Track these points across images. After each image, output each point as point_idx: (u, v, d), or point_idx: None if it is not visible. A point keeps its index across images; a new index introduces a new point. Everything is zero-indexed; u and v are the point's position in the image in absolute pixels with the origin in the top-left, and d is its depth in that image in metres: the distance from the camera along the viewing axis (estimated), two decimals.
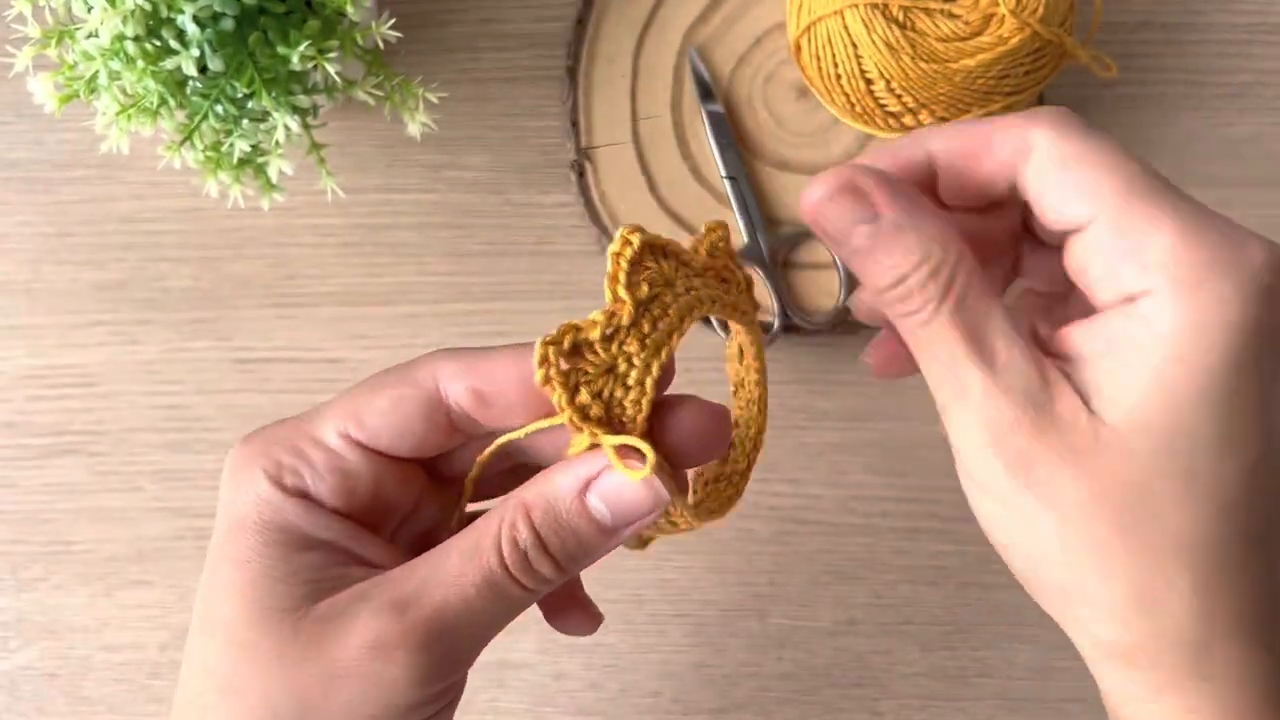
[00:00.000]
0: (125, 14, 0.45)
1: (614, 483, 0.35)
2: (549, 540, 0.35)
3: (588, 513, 0.35)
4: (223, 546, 0.37)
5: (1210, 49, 0.62)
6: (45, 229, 0.62)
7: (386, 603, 0.35)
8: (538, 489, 0.36)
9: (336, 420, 0.38)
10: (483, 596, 0.35)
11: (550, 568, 0.36)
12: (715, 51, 0.61)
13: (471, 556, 0.35)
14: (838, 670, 0.61)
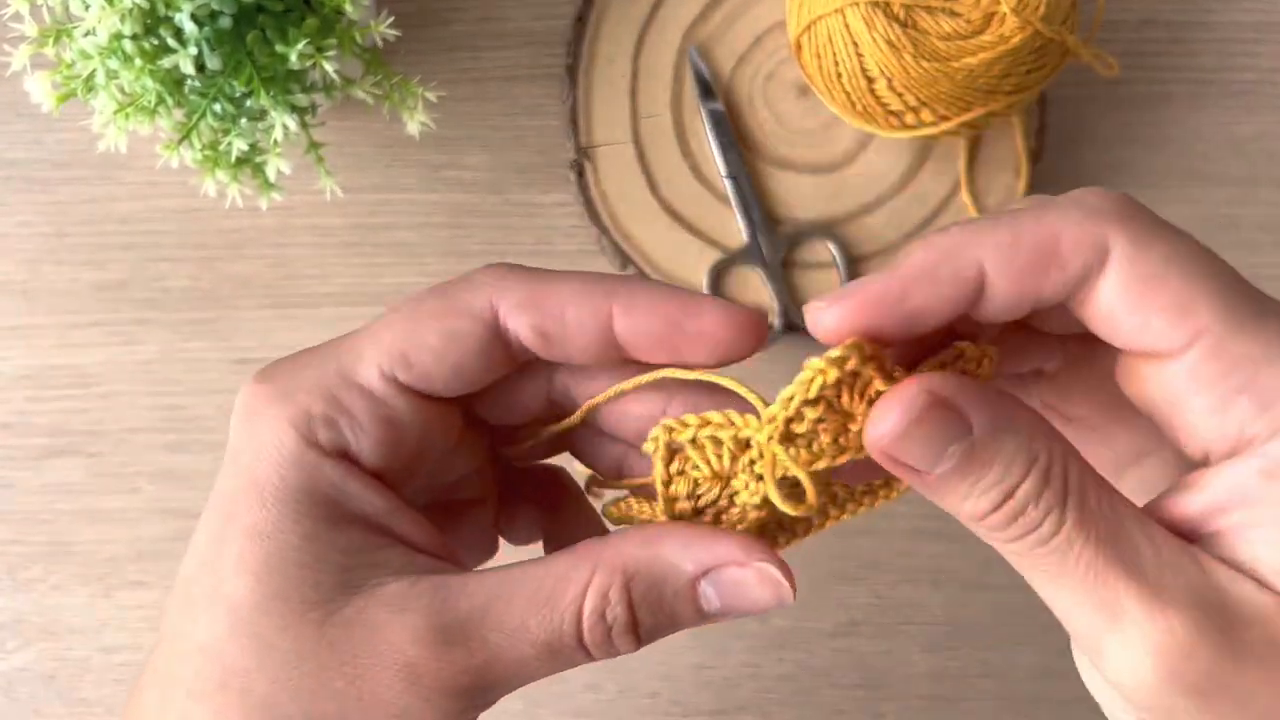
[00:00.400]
0: (123, 12, 0.45)
1: (736, 579, 0.31)
2: (643, 620, 0.31)
3: (697, 600, 0.31)
4: (234, 509, 0.31)
5: (1215, 47, 0.62)
6: (43, 229, 0.61)
7: (431, 628, 0.30)
8: (645, 557, 0.31)
9: (379, 358, 0.32)
10: (541, 659, 0.31)
11: (630, 645, 0.31)
12: (715, 50, 0.61)
13: (542, 611, 0.30)
14: (838, 671, 0.61)
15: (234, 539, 0.31)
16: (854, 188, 0.60)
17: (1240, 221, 0.61)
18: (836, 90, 0.55)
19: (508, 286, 0.32)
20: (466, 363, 0.32)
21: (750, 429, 0.31)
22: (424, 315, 0.32)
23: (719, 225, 0.60)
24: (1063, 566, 0.28)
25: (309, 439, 0.31)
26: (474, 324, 0.32)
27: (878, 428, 0.29)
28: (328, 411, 0.31)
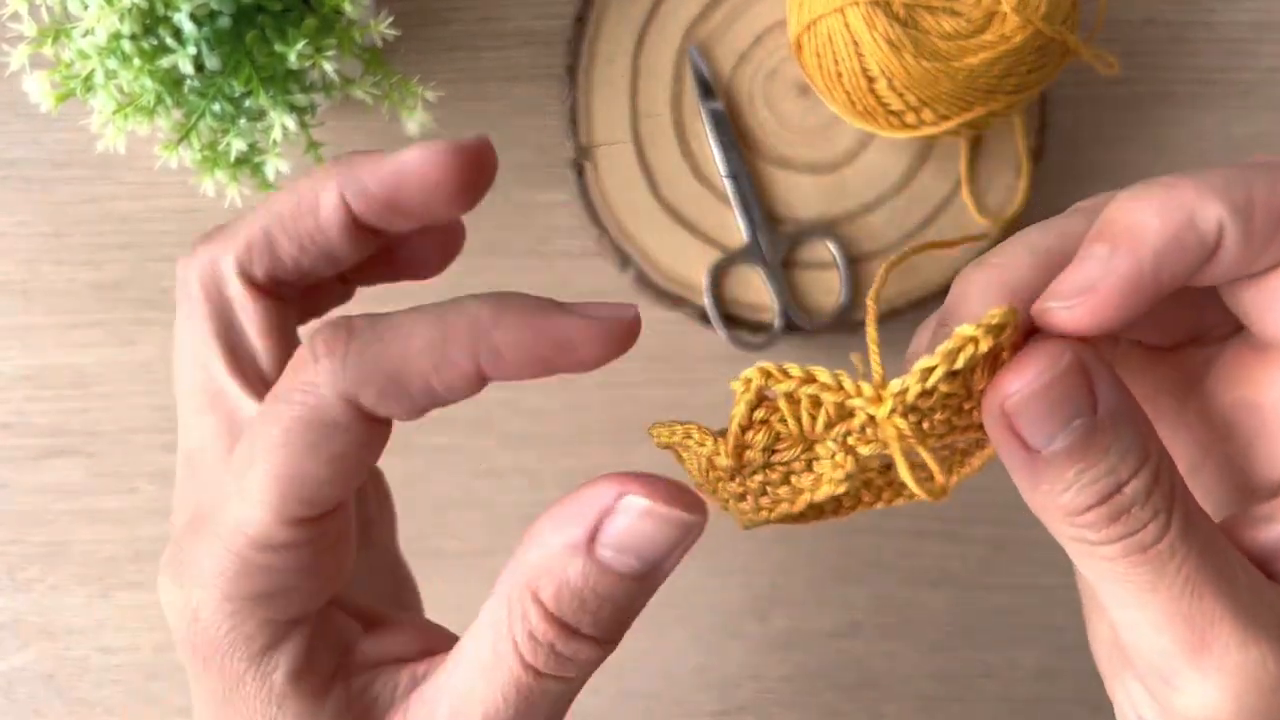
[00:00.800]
0: (122, 12, 0.44)
1: (620, 527, 0.28)
2: (576, 621, 0.28)
3: (610, 571, 0.28)
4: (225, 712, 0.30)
5: (1216, 47, 0.62)
6: (42, 228, 0.61)
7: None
8: (533, 560, 0.28)
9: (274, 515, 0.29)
10: (519, 709, 0.28)
11: (590, 649, 0.29)
12: (716, 49, 0.61)
13: (492, 666, 0.29)
14: (839, 673, 0.61)
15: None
16: (854, 187, 0.60)
17: None
18: (837, 90, 0.55)
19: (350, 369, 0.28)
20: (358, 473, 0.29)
21: (860, 399, 0.29)
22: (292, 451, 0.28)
23: (719, 225, 0.60)
24: (1159, 578, 0.25)
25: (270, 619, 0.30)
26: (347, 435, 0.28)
27: (1009, 385, 0.26)
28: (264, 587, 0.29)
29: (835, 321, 0.59)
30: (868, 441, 0.29)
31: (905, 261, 0.33)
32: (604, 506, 0.28)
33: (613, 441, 0.60)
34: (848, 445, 0.30)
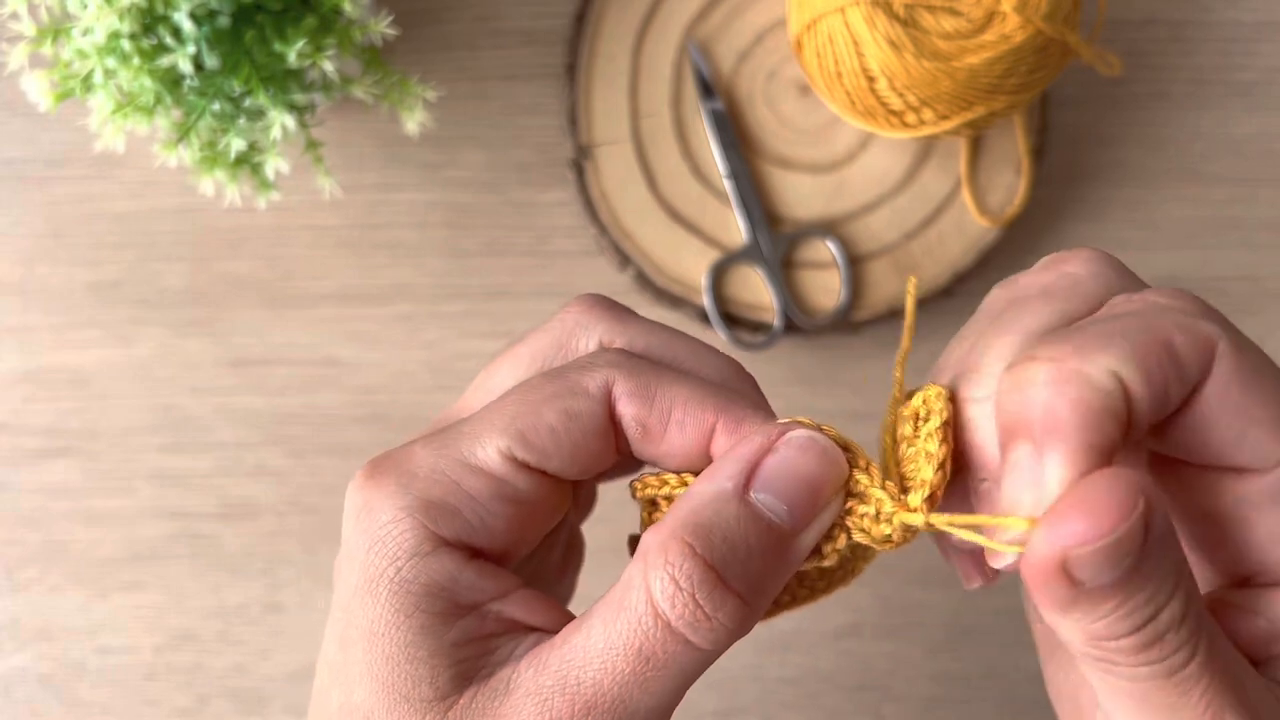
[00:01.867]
0: (121, 11, 0.44)
1: (785, 467, 0.28)
2: (727, 568, 0.27)
3: (762, 517, 0.28)
4: (353, 609, 0.30)
5: (1216, 47, 0.62)
6: (39, 228, 0.61)
7: (532, 694, 0.29)
8: (682, 508, 0.28)
9: (497, 440, 0.31)
10: (639, 674, 0.28)
11: (735, 607, 0.28)
12: (716, 48, 0.60)
13: (617, 618, 0.28)
14: (842, 673, 0.61)
15: (355, 642, 0.30)
16: (855, 187, 0.60)
17: (1240, 221, 0.61)
18: (837, 89, 0.55)
19: (623, 371, 0.31)
20: (585, 443, 0.31)
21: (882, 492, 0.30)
22: (541, 396, 0.31)
23: (719, 224, 0.60)
24: (1183, 701, 0.25)
25: (429, 529, 0.30)
26: (591, 404, 0.31)
27: (1078, 536, 0.23)
28: (448, 499, 0.30)
29: (835, 321, 0.59)
30: (868, 530, 0.30)
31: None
32: (764, 445, 0.29)
33: None
34: (847, 525, 0.30)
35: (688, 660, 0.28)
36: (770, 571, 0.28)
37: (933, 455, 0.29)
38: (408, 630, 0.29)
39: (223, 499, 0.61)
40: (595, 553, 0.60)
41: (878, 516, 0.29)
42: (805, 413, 0.61)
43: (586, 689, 0.28)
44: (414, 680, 0.29)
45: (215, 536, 0.61)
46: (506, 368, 0.34)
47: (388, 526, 0.30)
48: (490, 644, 0.30)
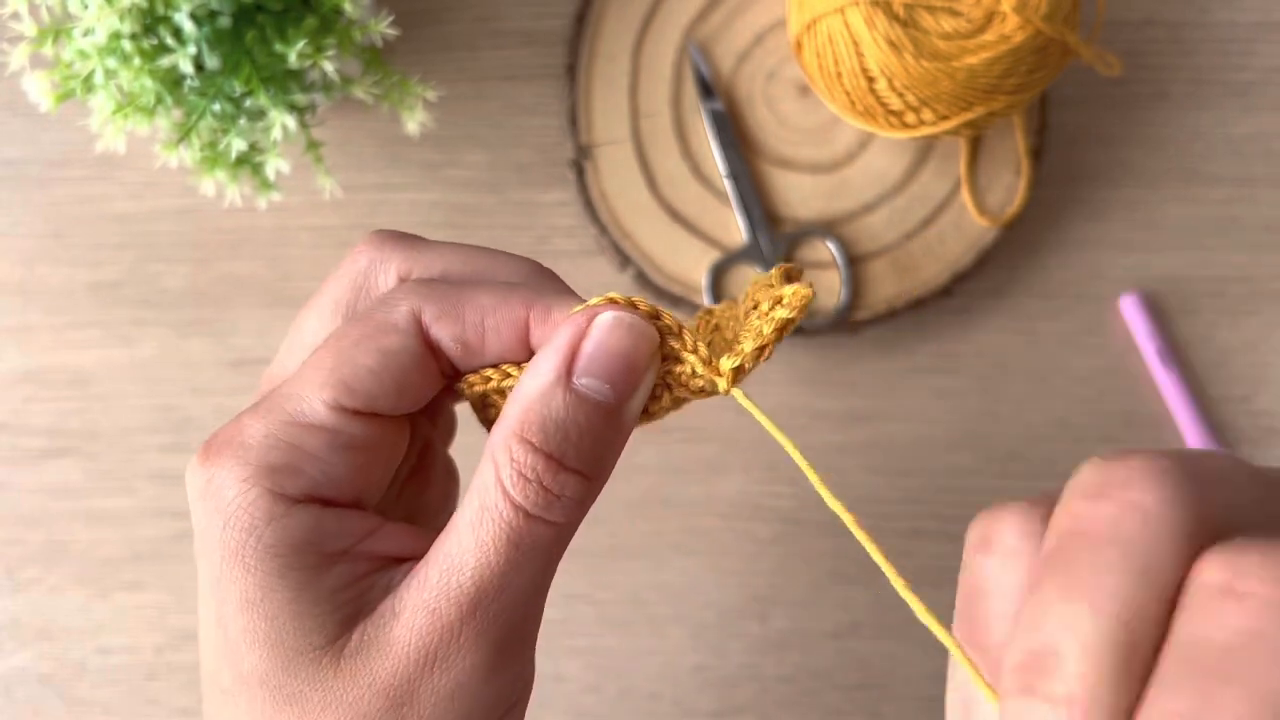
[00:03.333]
0: (122, 11, 0.44)
1: (602, 348, 0.31)
2: (563, 452, 0.30)
3: (586, 399, 0.30)
4: (223, 587, 0.31)
5: (1214, 47, 0.62)
6: (40, 228, 0.61)
7: (419, 607, 0.30)
8: (515, 408, 0.30)
9: (321, 393, 0.31)
10: (511, 560, 0.30)
11: (576, 483, 0.30)
12: (716, 49, 0.61)
13: (480, 521, 0.30)
14: (839, 673, 0.61)
15: (233, 616, 0.31)
16: (854, 187, 0.60)
17: (1240, 221, 0.61)
18: (837, 89, 0.55)
19: (427, 297, 0.32)
20: (405, 377, 0.32)
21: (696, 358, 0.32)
22: (353, 342, 0.32)
23: (719, 224, 0.60)
24: None
25: (276, 492, 0.31)
26: (403, 338, 0.32)
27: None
28: (288, 459, 0.31)
29: (835, 321, 0.59)
30: (686, 385, 0.32)
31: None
32: (578, 331, 0.31)
33: None
34: (668, 383, 0.32)
35: (549, 536, 0.31)
36: (604, 443, 0.31)
37: (762, 336, 0.32)
38: (284, 590, 0.30)
39: None
40: (594, 555, 0.61)
41: (693, 374, 0.32)
42: (804, 412, 0.61)
43: (469, 587, 0.30)
44: (301, 633, 0.30)
45: None
46: (313, 319, 0.34)
47: (236, 500, 0.31)
48: (367, 582, 0.31)
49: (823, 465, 0.61)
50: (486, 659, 0.31)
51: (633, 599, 0.61)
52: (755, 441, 0.61)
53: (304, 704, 0.31)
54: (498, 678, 0.31)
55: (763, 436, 0.61)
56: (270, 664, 0.31)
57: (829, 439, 0.61)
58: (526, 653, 0.32)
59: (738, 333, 0.33)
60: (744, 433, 0.61)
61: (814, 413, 0.61)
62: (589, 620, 0.61)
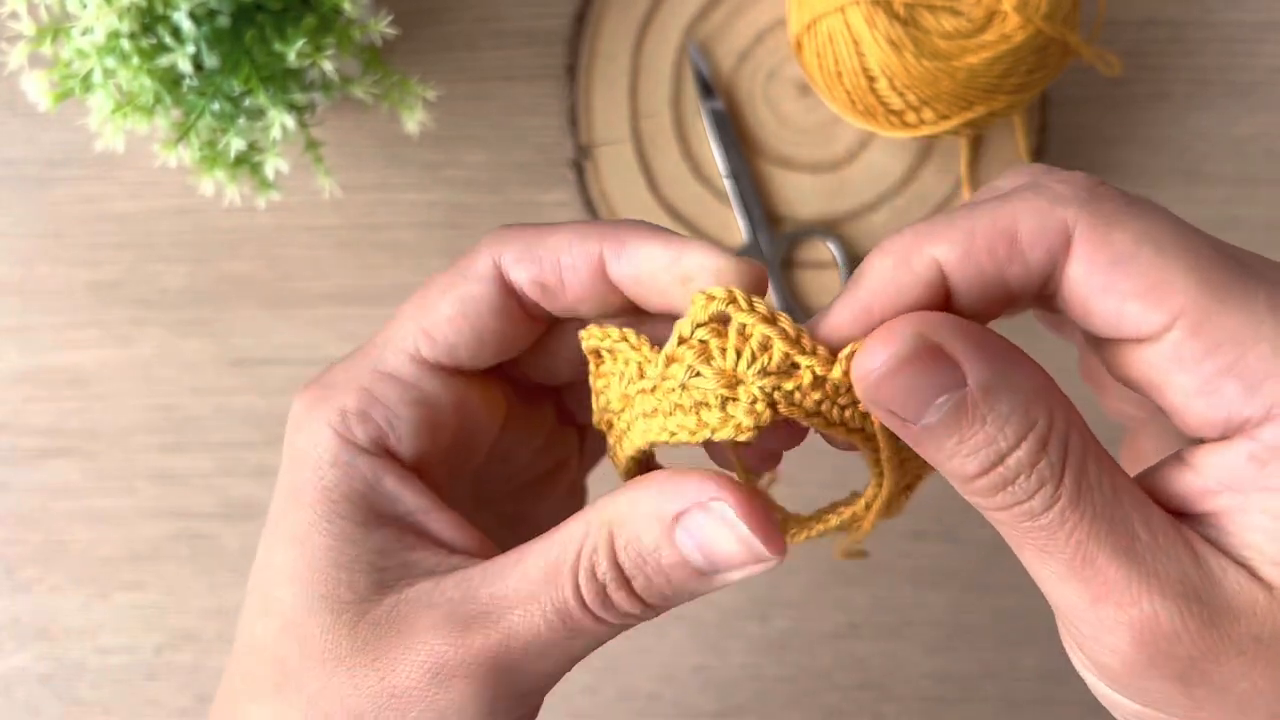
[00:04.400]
0: (121, 10, 0.44)
1: (702, 524, 0.29)
2: (634, 577, 0.30)
3: (678, 553, 0.30)
4: (281, 517, 0.32)
5: (1216, 47, 0.61)
6: (39, 228, 0.61)
7: (451, 618, 0.30)
8: (625, 507, 0.30)
9: (402, 342, 0.32)
10: (554, 630, 0.30)
11: (632, 605, 0.31)
12: (716, 48, 0.60)
13: (547, 579, 0.30)
14: (839, 673, 0.61)
15: (279, 546, 0.32)
16: (855, 187, 0.60)
17: (1241, 221, 0.61)
18: (837, 89, 0.55)
19: (505, 243, 0.32)
20: (484, 324, 0.32)
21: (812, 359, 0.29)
22: (435, 291, 0.33)
23: (719, 225, 0.60)
24: (1051, 544, 0.27)
25: (345, 437, 0.32)
26: (481, 285, 0.32)
27: (862, 365, 0.27)
28: (361, 405, 0.32)
29: None
30: (795, 405, 0.29)
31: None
32: (698, 499, 0.29)
33: None
34: (773, 399, 0.29)
35: (596, 630, 0.31)
36: (678, 589, 0.30)
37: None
38: (329, 535, 0.31)
39: (223, 499, 0.61)
40: None
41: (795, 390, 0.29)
42: None
43: (502, 633, 0.30)
44: (334, 583, 0.31)
45: (215, 536, 0.61)
46: None
47: (310, 438, 0.32)
48: (412, 557, 0.32)
49: (823, 466, 0.61)
50: (488, 701, 0.30)
51: None
52: None
53: (309, 646, 0.31)
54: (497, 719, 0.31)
55: None
56: (296, 601, 0.31)
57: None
58: (535, 701, 0.32)
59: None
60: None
61: None
62: None
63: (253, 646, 0.32)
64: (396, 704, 0.30)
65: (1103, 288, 0.27)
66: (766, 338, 0.29)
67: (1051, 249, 0.27)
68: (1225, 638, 0.26)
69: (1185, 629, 0.26)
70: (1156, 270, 0.26)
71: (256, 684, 0.32)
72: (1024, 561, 0.28)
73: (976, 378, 0.26)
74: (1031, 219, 0.27)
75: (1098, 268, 0.27)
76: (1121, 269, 0.27)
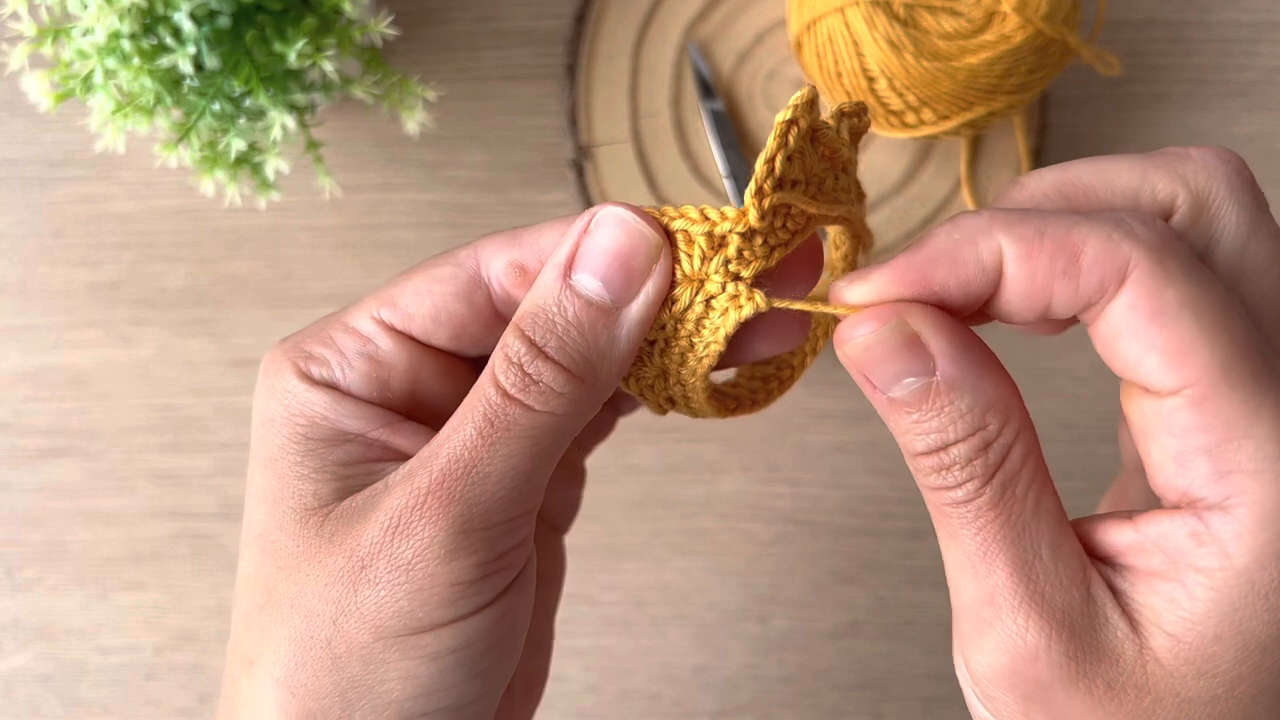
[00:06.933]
0: (121, 11, 0.44)
1: (595, 246, 0.31)
2: (545, 342, 0.31)
3: (579, 295, 0.31)
4: (255, 449, 0.34)
5: (1216, 47, 0.62)
6: (39, 228, 0.61)
7: (404, 476, 0.32)
8: (524, 303, 0.32)
9: (370, 305, 0.35)
10: (485, 435, 0.31)
11: (553, 372, 0.31)
12: (716, 49, 0.60)
13: (468, 401, 0.32)
14: (840, 673, 0.61)
15: (255, 474, 0.34)
16: None
17: None
18: (837, 89, 0.55)
19: (493, 237, 0.34)
20: (445, 305, 0.34)
21: (725, 221, 0.31)
22: (417, 268, 0.35)
23: None
24: (962, 533, 0.29)
25: (304, 374, 0.34)
26: (455, 269, 0.34)
27: (845, 332, 0.30)
28: (322, 351, 0.34)
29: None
30: (747, 262, 0.31)
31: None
32: (582, 229, 0.31)
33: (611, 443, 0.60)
34: (729, 272, 0.32)
35: (528, 421, 0.31)
36: (591, 341, 0.31)
37: (767, 149, 0.31)
38: (294, 453, 0.33)
39: (223, 499, 0.61)
40: (594, 555, 0.61)
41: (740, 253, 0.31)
42: (805, 412, 0.61)
43: (442, 460, 0.31)
44: (299, 494, 0.33)
45: (215, 536, 0.61)
46: None
47: (277, 373, 0.34)
48: (376, 466, 0.34)
49: (823, 466, 0.61)
50: (446, 535, 0.31)
51: (633, 599, 0.61)
52: (755, 441, 0.61)
53: (283, 557, 0.33)
54: (464, 559, 0.31)
55: (763, 436, 0.61)
56: (267, 519, 0.33)
57: (829, 439, 0.61)
58: (504, 539, 0.32)
59: None
60: (744, 433, 0.61)
61: (815, 413, 0.61)
62: (589, 620, 0.61)
63: (242, 576, 0.34)
64: (368, 574, 0.31)
65: (1134, 333, 0.28)
66: (685, 233, 0.32)
67: (1105, 280, 0.28)
68: (1081, 673, 0.28)
69: (1047, 653, 0.28)
70: (1189, 337, 0.27)
71: (248, 613, 0.33)
72: (939, 540, 0.31)
73: (945, 372, 0.29)
74: (1099, 245, 0.28)
75: (1139, 314, 0.28)
76: (1158, 323, 0.28)
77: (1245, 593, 0.27)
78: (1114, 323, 0.28)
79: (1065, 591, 0.28)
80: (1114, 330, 0.28)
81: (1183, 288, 0.28)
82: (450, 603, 0.31)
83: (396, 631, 0.31)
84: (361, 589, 0.31)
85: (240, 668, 0.33)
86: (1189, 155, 0.31)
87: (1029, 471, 0.29)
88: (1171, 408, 0.28)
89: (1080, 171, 0.31)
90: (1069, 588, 0.28)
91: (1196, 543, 0.27)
